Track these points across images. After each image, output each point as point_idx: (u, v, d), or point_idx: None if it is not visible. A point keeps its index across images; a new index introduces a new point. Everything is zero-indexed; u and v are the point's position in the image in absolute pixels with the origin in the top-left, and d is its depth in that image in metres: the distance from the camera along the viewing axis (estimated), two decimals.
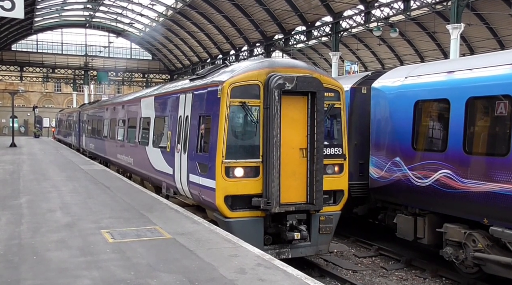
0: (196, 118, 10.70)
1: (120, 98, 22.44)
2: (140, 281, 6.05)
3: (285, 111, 9.21)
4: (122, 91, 73.89)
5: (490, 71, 8.95)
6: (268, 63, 9.83)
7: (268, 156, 9.11)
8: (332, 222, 9.95)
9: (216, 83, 9.80)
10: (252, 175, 9.35)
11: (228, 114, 9.26)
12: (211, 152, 9.54)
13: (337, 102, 10.10)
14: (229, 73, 9.70)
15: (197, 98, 10.83)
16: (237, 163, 9.28)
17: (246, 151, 9.46)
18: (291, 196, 9.40)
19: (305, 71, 9.78)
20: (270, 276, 6.30)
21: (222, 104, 9.28)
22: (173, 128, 12.23)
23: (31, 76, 69.87)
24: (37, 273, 6.33)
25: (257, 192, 9.34)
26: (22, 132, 64.44)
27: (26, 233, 8.56)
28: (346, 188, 10.21)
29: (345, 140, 10.22)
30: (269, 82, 9.20)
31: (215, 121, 9.49)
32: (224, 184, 9.25)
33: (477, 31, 38.38)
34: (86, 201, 11.83)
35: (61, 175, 17.27)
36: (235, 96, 9.28)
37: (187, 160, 10.95)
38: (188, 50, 60.80)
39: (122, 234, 8.48)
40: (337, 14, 36.04)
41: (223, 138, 9.21)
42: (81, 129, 31.62)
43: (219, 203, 9.31)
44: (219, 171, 9.20)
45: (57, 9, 58.93)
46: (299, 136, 9.47)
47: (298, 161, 9.47)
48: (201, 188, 10.06)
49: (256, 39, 46.41)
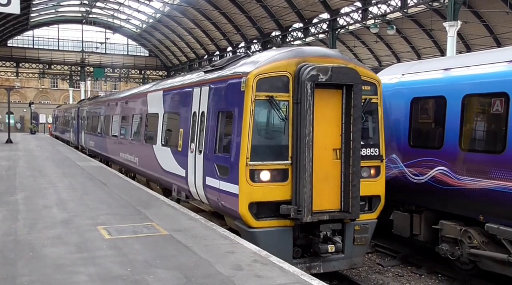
0: (214, 114, 9.67)
1: (123, 93, 21.04)
2: (136, 277, 6.06)
3: (317, 106, 8.28)
4: (119, 87, 73.70)
5: (486, 68, 8.97)
6: (298, 52, 8.84)
7: (299, 158, 8.17)
8: (368, 232, 9.02)
9: (239, 74, 8.76)
10: (279, 179, 8.36)
11: (253, 109, 8.28)
12: (233, 152, 8.57)
13: (374, 97, 9.10)
14: (254, 63, 8.68)
15: (215, 92, 9.78)
16: (264, 166, 8.28)
17: (273, 152, 8.47)
18: (323, 203, 8.48)
19: (339, 61, 8.77)
20: (266, 273, 6.31)
21: (247, 99, 8.29)
22: (186, 126, 11.14)
23: (27, 72, 69.70)
24: (33, 269, 6.33)
25: (285, 198, 8.34)
26: (18, 128, 64.29)
27: (22, 229, 8.55)
28: (383, 193, 9.31)
29: (382, 139, 9.29)
30: (300, 74, 8.23)
31: (237, 118, 8.54)
32: (249, 189, 8.25)
33: (474, 28, 38.45)
34: (83, 198, 11.83)
35: (57, 172, 17.25)
36: (261, 89, 8.29)
37: (203, 162, 9.88)
38: (185, 46, 60.74)
39: (119, 231, 8.48)
40: (334, 11, 36.07)
41: (248, 137, 8.24)
42: (80, 125, 30.69)
43: (243, 211, 8.29)
44: (243, 174, 8.22)
45: (54, 4, 58.78)
46: (332, 135, 8.56)
47: (331, 163, 8.57)
48: (221, 193, 9.02)
49: (253, 35, 46.38)
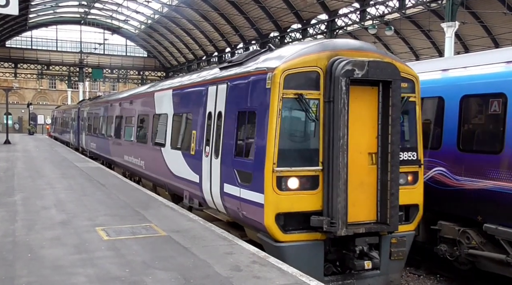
0: (233, 114, 8.84)
1: (126, 93, 20.16)
2: (135, 278, 6.06)
3: (351, 106, 7.50)
4: (117, 88, 73.66)
5: (484, 69, 8.99)
6: (329, 44, 8.05)
7: (332, 163, 7.40)
8: (405, 245, 8.25)
9: (263, 70, 7.98)
10: (309, 187, 7.58)
11: (281, 109, 7.48)
12: (257, 157, 7.77)
13: (412, 95, 8.26)
14: (280, 58, 7.89)
15: (234, 90, 9.00)
16: (292, 172, 7.50)
17: (302, 156, 7.70)
18: (358, 214, 7.68)
19: (374, 55, 8.02)
20: (265, 273, 6.31)
21: (273, 97, 7.51)
22: (199, 127, 10.34)
23: (25, 73, 69.65)
24: (32, 270, 6.33)
25: (315, 208, 7.57)
26: (16, 129, 64.18)
27: (20, 230, 8.54)
28: (421, 202, 8.43)
29: (420, 142, 8.41)
30: (332, 69, 7.45)
31: (262, 118, 7.75)
32: (276, 198, 7.45)
33: (472, 29, 38.52)
34: (81, 199, 11.82)
35: (55, 173, 17.24)
36: (290, 86, 7.51)
37: (220, 167, 9.07)
38: (183, 47, 60.73)
39: (117, 232, 8.48)
40: (332, 12, 36.13)
41: (274, 140, 7.44)
42: (80, 126, 29.86)
43: (269, 223, 7.48)
44: (269, 181, 7.43)
45: (52, 5, 58.79)
46: (367, 137, 7.76)
47: (366, 169, 7.77)
48: (242, 202, 8.21)
49: (252, 36, 46.41)
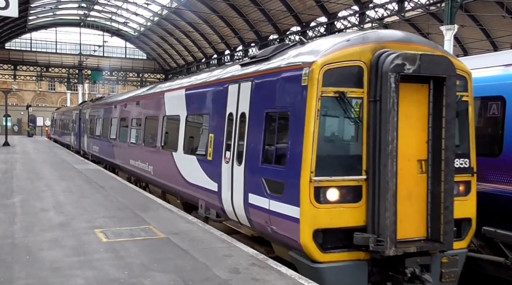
0: (259, 116, 7.93)
1: (133, 93, 19.18)
2: (133, 281, 6.05)
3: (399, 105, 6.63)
4: (116, 90, 73.70)
5: (483, 72, 9.01)
6: (373, 36, 7.13)
7: (378, 172, 6.52)
8: (457, 265, 7.25)
9: (297, 65, 7.07)
10: (350, 199, 6.69)
11: (319, 109, 6.59)
12: (291, 164, 6.87)
13: (465, 94, 7.30)
14: (317, 51, 6.97)
15: (260, 88, 8.10)
16: (332, 182, 6.61)
17: (343, 164, 6.84)
18: (407, 230, 6.74)
19: (424, 48, 7.08)
20: (264, 276, 6.31)
21: (310, 95, 6.63)
22: (218, 130, 9.44)
23: (24, 74, 69.66)
24: (30, 273, 6.32)
25: (358, 224, 6.67)
26: (15, 131, 64.16)
27: (19, 232, 8.53)
28: (474, 216, 7.47)
29: (472, 147, 7.47)
30: (379, 63, 6.59)
31: (297, 120, 6.87)
32: (314, 212, 6.55)
33: (471, 32, 38.61)
34: (80, 201, 11.81)
35: (54, 174, 17.22)
36: (329, 83, 6.62)
37: (244, 174, 8.19)
38: (183, 49, 60.79)
39: (116, 234, 8.47)
40: (331, 14, 36.19)
41: (312, 145, 6.56)
42: (82, 129, 28.76)
43: (306, 241, 6.55)
44: (306, 193, 6.54)
45: (52, 7, 58.88)
46: (416, 142, 6.85)
47: (415, 178, 6.85)
48: (272, 215, 7.30)
49: (251, 39, 46.46)
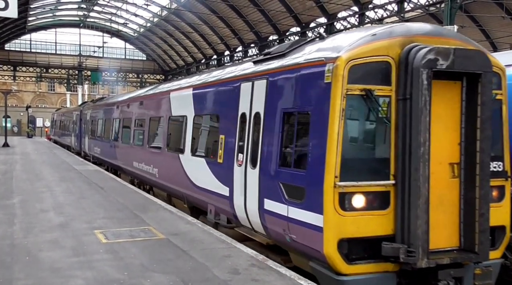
0: (275, 116, 7.48)
1: (136, 93, 18.63)
2: (133, 282, 6.05)
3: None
4: (116, 91, 73.69)
5: None
6: (401, 29, 6.63)
7: (408, 176, 6.07)
8: (491, 277, 6.69)
9: (320, 60, 6.58)
10: (377, 205, 6.23)
11: (344, 108, 6.14)
12: (313, 168, 6.42)
13: (499, 92, 6.82)
14: (340, 46, 6.49)
15: (277, 87, 7.60)
16: (358, 187, 6.14)
17: (369, 167, 6.42)
18: (438, 239, 6.24)
19: (456, 42, 6.59)
20: (263, 277, 6.31)
21: (334, 93, 6.16)
22: (229, 131, 9.00)
23: (24, 75, 69.64)
24: (29, 273, 6.32)
25: (386, 233, 6.20)
26: (15, 132, 64.11)
27: (18, 233, 8.53)
28: (508, 223, 6.98)
29: (507, 149, 6.95)
30: (409, 58, 6.12)
31: (319, 121, 6.42)
32: (339, 220, 6.08)
33: (470, 33, 38.58)
34: (80, 201, 11.81)
35: (54, 175, 17.22)
36: (355, 80, 6.16)
37: (259, 178, 7.72)
38: (182, 50, 60.80)
39: (116, 235, 8.47)
40: (331, 15, 36.19)
41: (336, 148, 6.10)
42: (82, 130, 28.24)
43: (330, 251, 6.09)
44: (330, 199, 6.07)
45: (51, 8, 58.86)
46: (447, 144, 6.38)
47: (446, 183, 6.37)
48: (291, 223, 6.84)
49: (251, 40, 46.48)
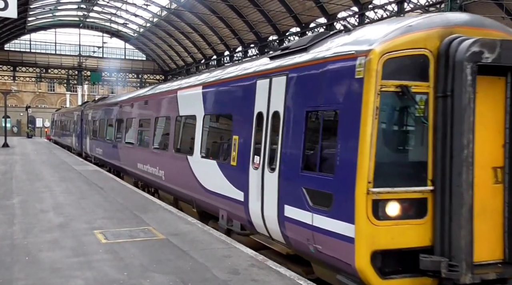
0: (297, 115, 6.94)
1: (141, 92, 17.95)
2: (133, 282, 6.05)
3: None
4: (116, 91, 73.66)
5: None
6: (440, 19, 6.07)
7: (449, 181, 5.57)
8: None
9: (349, 54, 6.03)
10: (413, 214, 5.72)
11: (378, 107, 5.58)
12: (342, 172, 5.89)
13: None
14: (372, 38, 5.92)
15: (298, 83, 7.04)
16: (393, 194, 5.62)
17: (405, 172, 5.95)
18: (481, 251, 5.72)
19: (499, 34, 6.09)
20: (263, 277, 6.31)
21: (367, 90, 5.60)
22: (244, 131, 8.51)
23: (24, 76, 69.59)
24: (29, 274, 6.32)
25: (423, 244, 5.70)
26: (15, 132, 64.08)
27: (18, 233, 8.53)
28: None
29: None
30: (449, 51, 5.59)
31: (349, 120, 5.86)
32: (372, 230, 5.56)
33: None
34: (79, 202, 11.81)
35: (54, 176, 17.22)
36: (390, 75, 5.62)
37: (278, 182, 7.19)
38: (182, 50, 60.80)
39: (115, 235, 8.47)
40: (331, 15, 36.19)
41: (369, 150, 5.56)
42: (84, 130, 27.76)
43: (362, 265, 5.55)
44: (362, 207, 5.54)
45: (51, 9, 58.84)
46: (490, 146, 5.88)
47: (489, 189, 5.86)
48: (316, 232, 6.32)
49: (251, 40, 46.47)
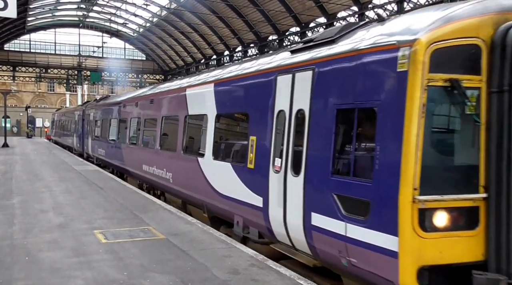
0: (326, 113, 6.34)
1: (146, 91, 17.25)
2: (133, 282, 6.05)
3: None
4: (116, 91, 73.66)
5: None
6: (494, 4, 5.35)
7: (506, 188, 5.04)
8: None
9: (389, 45, 5.38)
10: (464, 224, 5.16)
11: (425, 103, 4.97)
12: (383, 178, 5.27)
13: None
14: (417, 27, 5.24)
15: (327, 78, 6.44)
16: (441, 202, 5.03)
17: (454, 177, 5.34)
18: None
19: None
20: (263, 277, 6.30)
21: (412, 85, 4.98)
22: (262, 132, 7.93)
23: (24, 76, 69.61)
24: (29, 274, 6.32)
25: (475, 258, 5.15)
26: (14, 132, 64.08)
27: (18, 233, 8.53)
28: None
29: None
30: (507, 40, 5.01)
31: (390, 119, 5.28)
32: (419, 244, 4.97)
33: None
34: (79, 202, 11.80)
35: (54, 176, 17.21)
36: (438, 68, 5.00)
37: (304, 188, 6.61)
38: (182, 50, 60.80)
39: (115, 235, 8.47)
40: (331, 15, 36.20)
41: (415, 153, 4.95)
42: (85, 130, 27.08)
43: (407, 282, 5.03)
44: (407, 217, 4.95)
45: (50, 8, 58.84)
46: None
47: None
48: (350, 244, 5.72)
49: (250, 40, 46.47)
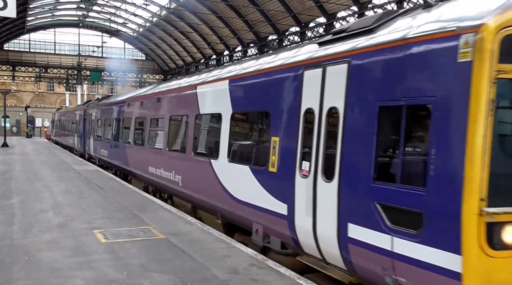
0: (365, 111, 5.73)
1: (152, 89, 16.38)
2: (132, 282, 6.04)
3: None
4: (115, 91, 73.63)
5: None
6: None
7: None
8: None
9: (448, 31, 4.74)
10: None
11: (494, 99, 4.42)
12: (440, 185, 4.74)
13: None
14: (481, 10, 4.64)
15: (366, 72, 5.82)
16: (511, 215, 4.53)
17: None
18: None
19: None
20: (263, 276, 6.30)
21: (478, 77, 4.43)
22: (287, 132, 7.30)
23: (23, 75, 69.62)
24: (29, 273, 6.31)
25: None
26: (14, 132, 64.08)
27: (18, 233, 8.52)
28: None
29: None
30: None
31: (450, 118, 4.68)
32: (487, 264, 4.45)
33: None
34: (79, 201, 11.80)
35: (53, 175, 17.21)
36: (510, 57, 4.46)
37: (338, 195, 6.01)
38: (181, 50, 60.81)
39: (115, 234, 8.46)
40: (330, 15, 36.21)
41: (482, 157, 4.42)
42: (87, 130, 26.62)
43: None
44: (472, 232, 4.43)
45: (50, 8, 58.82)
46: None
47: None
48: (398, 261, 5.14)
49: (250, 39, 46.48)
